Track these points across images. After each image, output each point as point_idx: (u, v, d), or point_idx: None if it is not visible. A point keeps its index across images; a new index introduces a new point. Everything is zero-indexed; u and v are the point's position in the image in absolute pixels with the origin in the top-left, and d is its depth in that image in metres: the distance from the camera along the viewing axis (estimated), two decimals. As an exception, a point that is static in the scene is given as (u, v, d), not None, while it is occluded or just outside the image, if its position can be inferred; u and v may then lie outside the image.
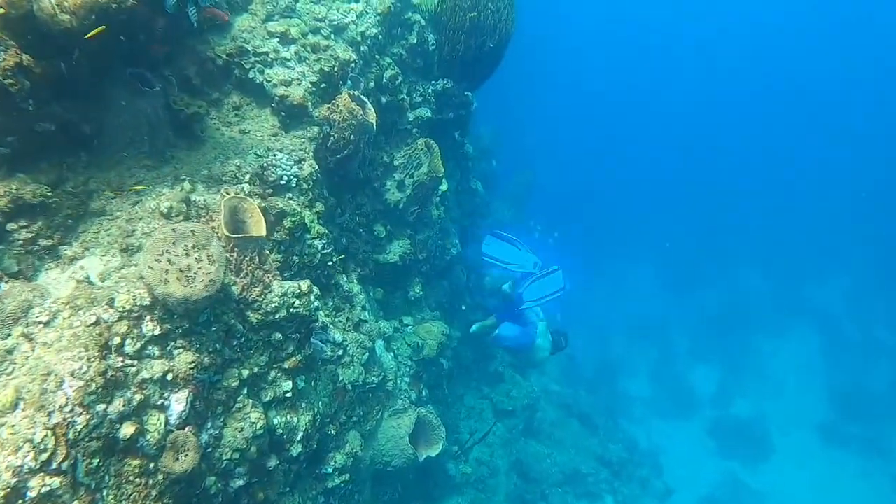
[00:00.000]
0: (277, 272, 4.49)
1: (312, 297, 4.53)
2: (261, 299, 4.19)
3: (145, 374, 3.52)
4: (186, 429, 3.65)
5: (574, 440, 11.87)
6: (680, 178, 31.64)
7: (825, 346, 20.50)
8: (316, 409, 4.93)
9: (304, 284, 4.50)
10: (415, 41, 6.96)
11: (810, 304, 21.87)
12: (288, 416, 4.56)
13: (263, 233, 4.11)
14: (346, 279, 5.94)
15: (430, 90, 7.15)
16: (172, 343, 3.69)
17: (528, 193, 16.98)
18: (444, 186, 7.73)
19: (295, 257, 4.99)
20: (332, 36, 5.92)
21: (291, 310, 4.35)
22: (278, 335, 4.36)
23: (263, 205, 4.59)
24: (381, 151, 6.76)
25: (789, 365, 19.86)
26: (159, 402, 3.58)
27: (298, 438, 4.65)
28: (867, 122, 36.23)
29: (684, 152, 34.88)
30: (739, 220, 27.94)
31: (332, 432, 5.32)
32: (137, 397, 3.44)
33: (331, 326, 5.43)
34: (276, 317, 4.26)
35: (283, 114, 5.32)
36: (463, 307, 10.05)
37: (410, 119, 7.03)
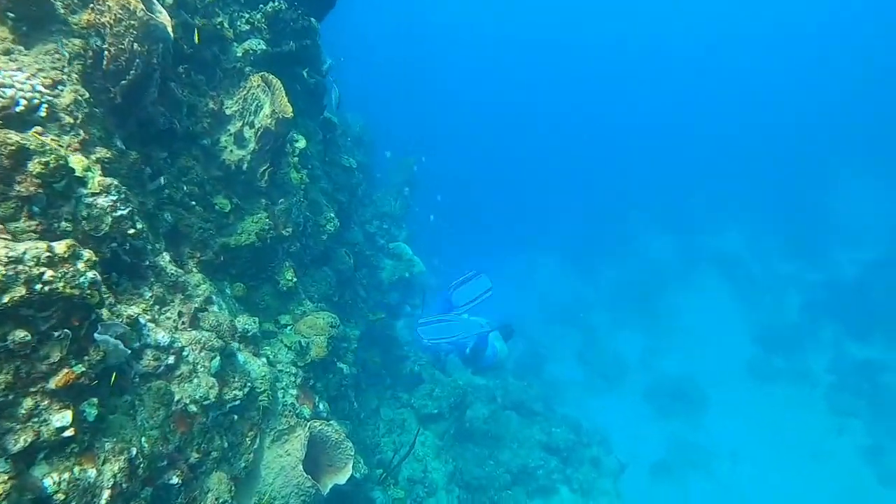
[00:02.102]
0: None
1: (81, 266, 2.78)
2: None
3: None
4: None
5: (514, 433, 10.47)
6: (564, 157, 31.55)
7: (734, 290, 20.53)
8: (135, 449, 3.15)
9: (62, 246, 2.74)
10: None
11: (713, 254, 21.93)
12: (75, 470, 2.77)
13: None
14: (170, 261, 4.16)
15: (258, 16, 5.51)
16: None
17: (413, 183, 15.54)
18: (300, 143, 6.12)
19: (64, 223, 3.20)
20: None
21: (38, 286, 2.58)
22: (21, 333, 2.57)
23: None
24: (204, 98, 5.05)
25: (706, 315, 19.65)
26: None
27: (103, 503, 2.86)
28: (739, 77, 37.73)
29: (562, 129, 34.93)
30: (626, 186, 28.03)
31: (176, 480, 3.53)
32: None
33: (151, 325, 3.66)
34: (5, 300, 2.48)
35: (18, 22, 3.52)
36: (360, 302, 8.44)
37: (239, 54, 5.37)
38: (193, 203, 4.89)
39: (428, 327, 8.35)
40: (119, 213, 3.53)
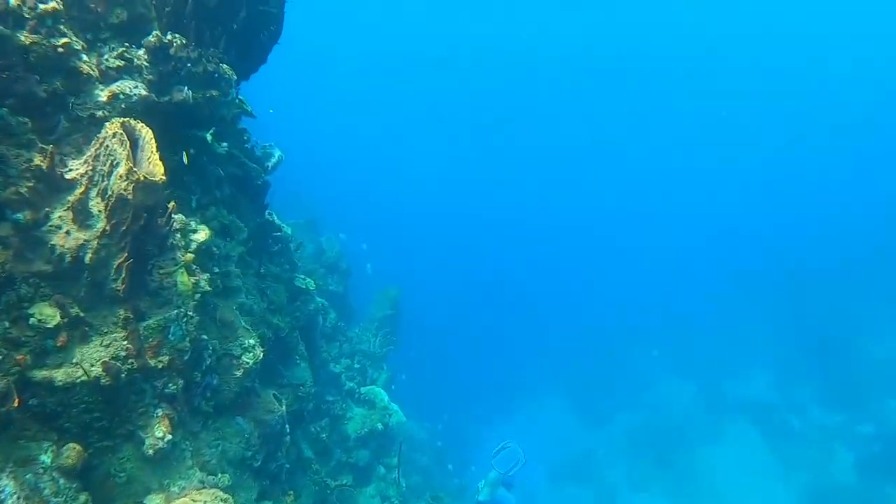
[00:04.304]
0: None
1: None
2: None
3: None
4: None
5: None
6: (567, 291, 29.59)
7: (769, 444, 17.79)
8: None
9: None
10: (100, -33, 3.83)
11: (740, 402, 19.39)
12: None
13: None
14: None
15: (138, 52, 3.92)
16: None
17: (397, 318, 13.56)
18: (200, 234, 4.28)
19: None
20: None
21: None
22: None
23: None
24: (25, 150, 3.30)
25: (738, 474, 16.79)
26: None
27: None
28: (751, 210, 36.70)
29: (565, 259, 33.22)
30: (637, 322, 25.79)
31: None
32: None
33: None
34: None
35: None
36: (306, 466, 6.21)
37: (102, 98, 3.69)
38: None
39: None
40: None
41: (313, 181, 25.69)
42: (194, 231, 4.25)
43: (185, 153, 3.99)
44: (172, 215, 3.94)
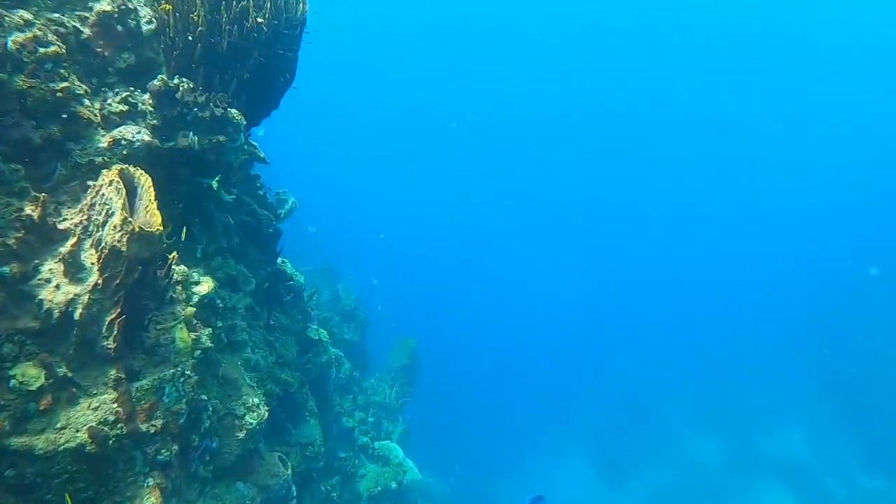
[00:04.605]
0: None
1: None
2: None
3: None
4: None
5: None
6: (583, 335, 28.66)
7: (807, 505, 16.78)
8: None
9: None
10: (109, 8, 3.72)
11: (773, 461, 18.40)
12: None
13: None
14: None
15: (143, 97, 3.76)
16: None
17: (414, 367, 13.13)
18: (203, 286, 4.05)
19: None
20: None
21: None
22: None
23: None
24: (17, 199, 3.12)
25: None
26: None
27: None
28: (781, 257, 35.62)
29: (579, 303, 32.35)
30: (659, 374, 24.91)
31: None
32: None
33: None
34: None
35: None
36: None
37: (102, 144, 3.52)
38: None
39: None
40: None
41: (333, 225, 25.62)
42: (197, 283, 4.01)
43: (184, 230, 3.82)
44: (174, 266, 3.72)
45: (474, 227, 38.32)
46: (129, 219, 3.07)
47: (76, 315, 3.19)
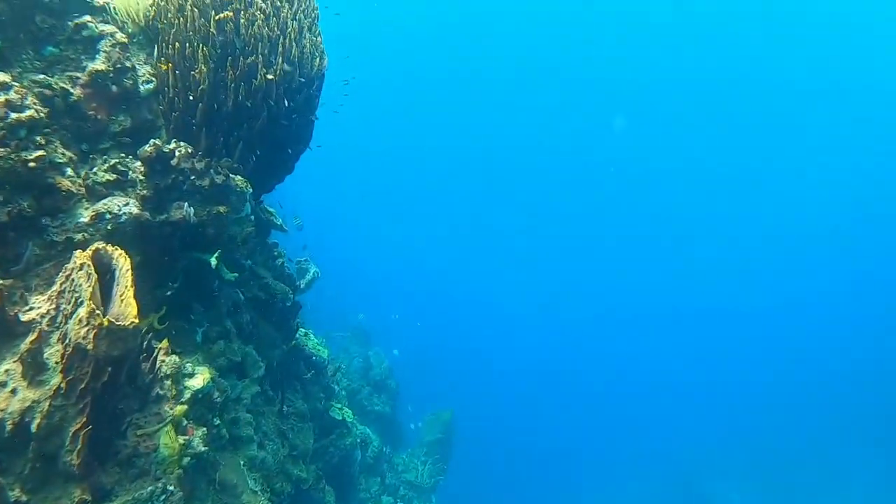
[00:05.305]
0: None
1: None
2: None
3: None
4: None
5: None
6: (635, 406, 27.10)
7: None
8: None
9: None
10: (103, 68, 3.33)
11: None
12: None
13: None
14: None
15: (135, 164, 3.32)
16: None
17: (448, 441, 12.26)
18: (196, 379, 3.50)
19: None
20: None
21: None
22: None
23: None
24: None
25: None
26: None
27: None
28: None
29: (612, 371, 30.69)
30: (716, 451, 23.02)
31: None
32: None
33: None
34: None
35: None
36: None
37: (84, 219, 3.05)
38: None
39: None
40: None
41: (369, 289, 25.25)
42: (191, 375, 3.46)
43: (161, 313, 3.32)
44: (163, 358, 3.20)
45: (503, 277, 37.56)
46: (97, 311, 2.55)
47: (33, 426, 2.65)
